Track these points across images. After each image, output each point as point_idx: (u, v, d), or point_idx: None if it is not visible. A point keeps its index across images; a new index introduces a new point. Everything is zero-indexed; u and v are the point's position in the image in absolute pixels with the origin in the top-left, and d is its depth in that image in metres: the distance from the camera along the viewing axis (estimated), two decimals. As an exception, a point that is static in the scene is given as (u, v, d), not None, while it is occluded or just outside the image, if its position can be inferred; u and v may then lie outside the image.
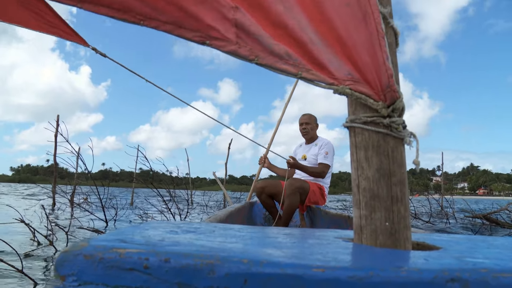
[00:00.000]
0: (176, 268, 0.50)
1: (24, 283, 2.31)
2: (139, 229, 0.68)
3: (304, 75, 0.70)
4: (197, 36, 0.72)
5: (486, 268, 0.52)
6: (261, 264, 0.50)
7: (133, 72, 2.47)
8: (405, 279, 0.50)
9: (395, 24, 0.73)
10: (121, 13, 0.75)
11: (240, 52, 0.72)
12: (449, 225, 6.78)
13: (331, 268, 0.50)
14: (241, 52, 0.72)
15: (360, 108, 0.70)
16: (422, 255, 0.60)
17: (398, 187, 0.67)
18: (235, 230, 0.78)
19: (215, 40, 0.72)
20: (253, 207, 4.57)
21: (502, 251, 0.66)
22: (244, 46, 0.72)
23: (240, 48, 0.72)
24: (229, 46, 0.72)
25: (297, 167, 3.99)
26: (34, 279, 2.30)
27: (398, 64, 0.72)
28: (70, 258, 0.51)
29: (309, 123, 4.20)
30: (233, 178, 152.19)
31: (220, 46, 0.72)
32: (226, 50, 0.72)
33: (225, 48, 0.72)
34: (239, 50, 0.72)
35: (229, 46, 0.72)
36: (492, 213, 7.33)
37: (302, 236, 0.77)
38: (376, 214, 0.66)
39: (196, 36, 0.72)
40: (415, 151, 0.69)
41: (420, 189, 47.65)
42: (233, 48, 0.72)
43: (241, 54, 0.72)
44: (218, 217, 2.46)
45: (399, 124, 0.67)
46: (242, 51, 0.72)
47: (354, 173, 0.70)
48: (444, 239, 0.78)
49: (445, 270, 0.51)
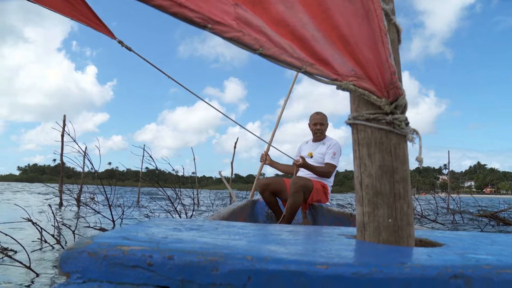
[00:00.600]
0: (180, 265, 0.50)
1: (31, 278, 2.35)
2: (142, 227, 0.69)
3: (308, 69, 0.69)
4: (198, 18, 0.66)
5: (489, 265, 0.51)
6: (265, 260, 0.50)
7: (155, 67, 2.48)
8: (408, 276, 0.50)
9: (397, 21, 0.72)
10: None
11: (244, 40, 0.68)
12: (456, 224, 6.74)
13: (334, 265, 0.50)
14: (245, 40, 0.68)
15: (363, 105, 0.70)
16: (425, 252, 0.60)
17: (401, 184, 0.67)
18: (238, 227, 0.79)
19: (218, 25, 0.67)
20: (256, 205, 4.57)
21: (505, 247, 0.65)
22: (249, 35, 0.68)
23: (245, 36, 0.68)
24: (232, 32, 0.68)
25: (305, 167, 3.99)
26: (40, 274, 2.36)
27: (403, 61, 0.72)
28: (74, 255, 0.52)
29: (323, 123, 4.20)
30: (239, 177, 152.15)
31: (222, 32, 0.67)
32: (229, 36, 0.67)
33: (228, 34, 0.67)
34: (243, 38, 0.68)
35: (232, 32, 0.67)
36: (500, 212, 7.28)
37: (305, 233, 0.77)
38: (379, 211, 0.67)
39: (197, 17, 0.66)
40: (418, 148, 0.69)
41: (426, 187, 47.37)
42: (236, 35, 0.68)
43: (246, 42, 0.68)
44: (221, 215, 2.47)
45: (401, 121, 0.67)
46: (247, 39, 0.68)
47: (356, 170, 0.70)
48: (447, 236, 0.77)
49: (448, 266, 0.51)
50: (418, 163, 0.69)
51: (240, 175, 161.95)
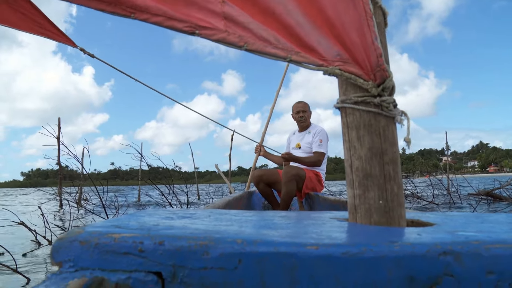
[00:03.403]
0: (171, 250, 0.51)
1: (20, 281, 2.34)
2: (134, 216, 0.69)
3: (294, 58, 0.70)
4: (187, 27, 0.74)
5: (478, 240, 0.52)
6: (255, 243, 0.51)
7: (123, 73, 2.46)
8: (398, 254, 0.50)
9: (383, 4, 0.73)
10: (112, 6, 0.76)
11: (229, 39, 0.73)
12: (453, 204, 6.75)
13: (324, 246, 0.51)
14: (230, 39, 0.73)
15: (351, 89, 0.70)
16: (415, 231, 0.60)
17: (391, 165, 0.67)
18: (231, 214, 0.79)
19: (204, 30, 0.73)
20: (252, 196, 4.57)
21: (495, 225, 0.66)
22: (233, 33, 0.73)
23: (229, 36, 0.73)
24: (218, 34, 0.73)
25: (293, 160, 4.00)
26: (28, 277, 2.34)
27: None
28: (66, 245, 0.52)
29: (306, 110, 4.20)
30: (242, 170, 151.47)
31: (209, 35, 0.73)
32: (215, 39, 0.73)
33: (214, 36, 0.73)
34: (228, 38, 0.73)
35: (218, 35, 0.73)
36: (496, 190, 7.34)
37: (297, 218, 0.77)
38: (370, 193, 0.67)
39: (186, 27, 0.74)
40: (406, 129, 0.69)
41: (430, 169, 47.49)
42: (222, 36, 0.73)
43: (230, 41, 0.73)
44: (216, 205, 2.46)
45: (389, 103, 0.67)
46: (231, 38, 0.73)
47: (346, 153, 0.71)
48: (439, 216, 0.78)
49: (437, 243, 0.51)
50: (406, 143, 0.70)
51: (243, 168, 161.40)
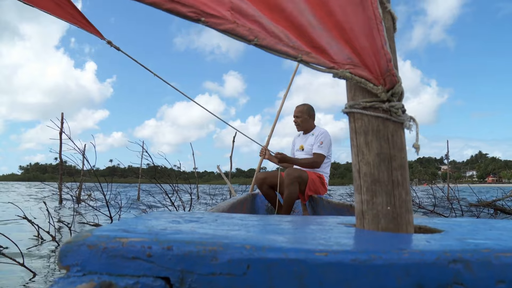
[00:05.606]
0: (179, 255, 0.50)
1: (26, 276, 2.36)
2: (141, 220, 0.69)
3: (304, 58, 0.69)
4: (191, 12, 0.66)
5: (488, 248, 0.52)
6: (264, 249, 0.50)
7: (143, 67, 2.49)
8: (407, 261, 0.50)
9: (392, 9, 0.72)
10: None
11: (238, 31, 0.68)
12: (454, 214, 6.76)
13: (333, 252, 0.50)
14: (239, 31, 0.68)
15: (359, 94, 0.70)
16: (424, 238, 0.60)
17: (399, 171, 0.67)
18: (237, 218, 0.79)
19: (212, 18, 0.67)
20: (256, 198, 4.59)
21: (503, 232, 0.66)
22: (243, 25, 0.68)
23: (238, 27, 0.68)
24: (226, 24, 0.67)
25: (286, 161, 4.02)
26: (35, 271, 2.35)
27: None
28: (74, 249, 0.52)
29: (299, 116, 4.21)
30: (241, 172, 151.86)
31: (216, 24, 0.67)
32: (223, 29, 0.67)
33: (222, 26, 0.67)
34: (237, 29, 0.68)
35: (226, 25, 0.67)
36: (497, 201, 7.31)
37: (304, 223, 0.77)
38: (378, 198, 0.67)
39: (190, 12, 0.66)
40: (415, 135, 0.69)
41: (428, 178, 47.64)
42: (230, 27, 0.67)
43: (240, 33, 0.68)
44: (221, 208, 2.47)
45: (398, 109, 0.67)
46: (241, 30, 0.68)
47: (354, 158, 0.70)
48: (446, 222, 0.78)
49: (447, 251, 0.51)
50: (415, 150, 0.69)
51: (241, 170, 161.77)
